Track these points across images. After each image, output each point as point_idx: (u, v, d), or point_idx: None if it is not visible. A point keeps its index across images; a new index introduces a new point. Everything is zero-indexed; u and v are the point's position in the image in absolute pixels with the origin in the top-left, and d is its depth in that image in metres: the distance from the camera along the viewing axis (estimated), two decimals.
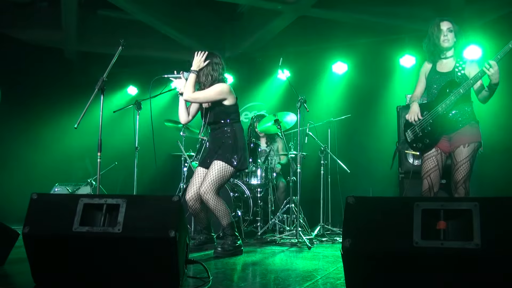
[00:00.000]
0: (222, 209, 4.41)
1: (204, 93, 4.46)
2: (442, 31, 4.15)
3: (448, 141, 4.14)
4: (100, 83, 4.23)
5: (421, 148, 4.27)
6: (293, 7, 7.81)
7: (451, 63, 4.20)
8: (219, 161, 4.41)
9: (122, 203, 2.75)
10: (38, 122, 9.07)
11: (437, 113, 4.12)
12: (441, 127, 4.13)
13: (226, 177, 4.46)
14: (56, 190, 7.75)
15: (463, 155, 4.00)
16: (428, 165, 4.17)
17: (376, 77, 8.12)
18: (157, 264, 2.68)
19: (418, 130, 4.24)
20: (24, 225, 2.75)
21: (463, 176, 3.98)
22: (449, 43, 4.16)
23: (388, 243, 2.38)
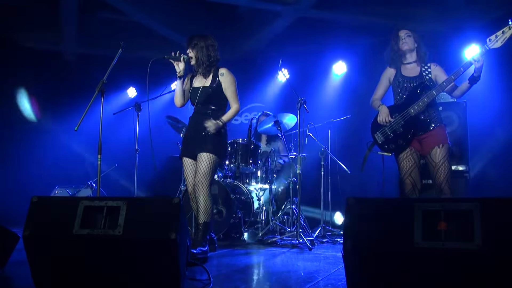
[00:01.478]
0: (209, 205, 4.32)
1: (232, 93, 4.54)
2: (400, 37, 4.42)
3: (419, 143, 4.29)
4: (100, 85, 4.22)
5: (394, 149, 4.39)
6: (292, 8, 7.83)
7: (417, 68, 4.41)
8: (208, 153, 4.34)
9: (122, 205, 2.74)
10: (38, 125, 9.07)
11: (408, 114, 4.26)
12: (413, 128, 4.26)
13: (216, 168, 4.50)
14: (56, 193, 7.74)
15: (440, 155, 4.16)
16: (406, 165, 4.30)
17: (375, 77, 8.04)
18: (158, 266, 2.67)
19: (389, 132, 4.36)
20: (24, 228, 2.74)
21: (445, 175, 4.13)
22: (408, 46, 4.40)
23: (389, 244, 2.38)
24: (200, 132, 4.43)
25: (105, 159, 4.54)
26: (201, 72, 4.56)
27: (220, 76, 4.52)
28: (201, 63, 4.49)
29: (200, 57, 4.48)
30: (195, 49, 4.50)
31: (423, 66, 4.38)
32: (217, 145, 4.41)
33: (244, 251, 4.90)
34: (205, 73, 4.55)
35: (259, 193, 6.36)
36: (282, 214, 6.21)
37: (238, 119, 9.48)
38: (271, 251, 4.90)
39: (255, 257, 4.43)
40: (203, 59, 4.48)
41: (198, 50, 4.49)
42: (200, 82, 4.58)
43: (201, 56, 4.48)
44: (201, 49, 4.48)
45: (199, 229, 4.30)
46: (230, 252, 4.81)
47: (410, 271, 2.35)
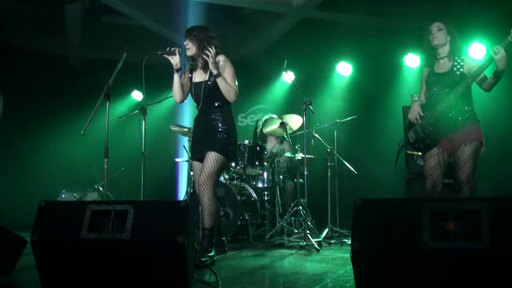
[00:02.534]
0: (213, 207, 4.18)
1: (231, 78, 4.32)
2: (431, 31, 4.18)
3: (449, 141, 4.12)
4: (105, 89, 4.23)
5: (423, 148, 4.28)
6: (296, 10, 7.83)
7: (448, 63, 4.19)
8: (214, 152, 4.18)
9: (130, 209, 2.75)
10: (44, 129, 9.09)
11: (437, 113, 4.11)
12: (441, 127, 4.12)
13: (222, 168, 4.30)
14: (64, 197, 7.76)
15: (465, 154, 3.98)
16: (429, 164, 4.16)
17: (381, 77, 8.11)
18: (166, 270, 2.67)
19: (420, 131, 4.24)
20: (32, 232, 2.75)
21: (466, 175, 3.96)
22: (439, 41, 4.16)
23: (397, 244, 2.37)
24: (207, 132, 4.29)
25: (112, 163, 4.53)
26: (201, 66, 4.36)
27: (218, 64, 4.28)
28: (199, 53, 4.29)
29: (197, 48, 4.28)
30: (194, 40, 4.30)
31: (455, 60, 4.14)
32: (226, 145, 4.24)
33: (251, 253, 4.90)
34: (205, 66, 4.32)
35: (265, 195, 6.36)
36: (289, 216, 6.20)
37: (244, 121, 9.49)
38: (278, 252, 4.89)
39: (262, 259, 4.42)
40: (201, 50, 4.26)
41: (198, 42, 4.29)
42: (201, 77, 4.39)
43: (199, 48, 4.28)
44: (201, 41, 4.28)
45: (205, 235, 4.18)
46: (238, 254, 4.81)
47: (419, 272, 2.34)
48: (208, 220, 4.17)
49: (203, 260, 3.92)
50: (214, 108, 4.33)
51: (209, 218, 4.17)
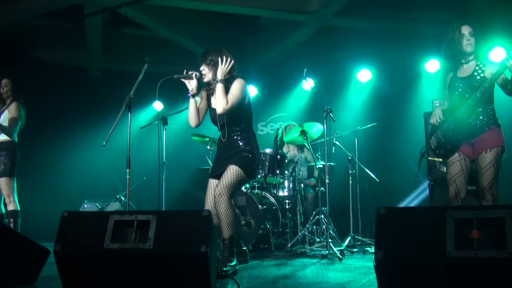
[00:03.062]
0: (231, 217, 4.08)
1: (233, 96, 4.09)
2: (464, 35, 4.06)
3: (470, 147, 4.05)
4: (127, 100, 4.26)
5: (443, 155, 4.22)
6: (315, 17, 7.83)
7: (471, 67, 4.10)
8: (236, 166, 4.11)
9: (152, 219, 2.76)
10: (66, 140, 9.21)
11: (456, 118, 4.06)
12: (461, 132, 4.06)
13: (240, 183, 4.21)
14: (86, 207, 7.84)
15: (487, 161, 3.92)
16: (452, 170, 4.10)
17: (401, 83, 8.06)
18: (189, 279, 2.68)
19: (441, 137, 4.19)
20: (55, 243, 2.77)
21: (488, 182, 3.90)
22: (472, 48, 4.06)
23: (421, 254, 2.34)
24: (230, 151, 4.22)
25: (133, 173, 4.56)
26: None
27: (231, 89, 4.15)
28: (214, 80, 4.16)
29: (214, 74, 4.17)
30: (210, 66, 4.19)
31: (477, 65, 4.06)
32: (248, 163, 4.17)
33: (273, 262, 4.88)
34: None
35: (287, 203, 6.34)
36: (311, 224, 6.17)
37: (264, 130, 9.49)
38: (300, 261, 4.87)
39: (285, 268, 4.40)
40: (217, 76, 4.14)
41: (212, 67, 4.18)
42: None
43: (214, 73, 4.17)
44: (215, 66, 4.17)
45: (225, 245, 4.11)
46: (260, 263, 4.79)
47: (442, 281, 2.31)
48: (226, 230, 4.10)
49: (225, 270, 3.90)
50: (236, 131, 4.25)
51: (228, 229, 4.10)
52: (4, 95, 5.55)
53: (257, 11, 7.98)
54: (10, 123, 5.45)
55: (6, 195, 5.38)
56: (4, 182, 5.35)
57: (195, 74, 4.20)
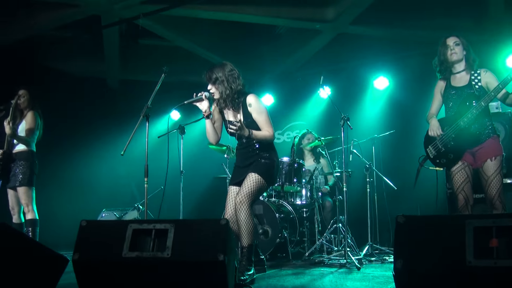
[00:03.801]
0: (251, 225, 4.09)
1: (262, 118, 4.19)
2: (448, 46, 4.24)
3: (472, 156, 4.12)
4: (144, 110, 4.29)
5: (445, 164, 4.26)
6: (331, 25, 7.83)
7: (466, 77, 4.22)
8: (256, 173, 4.15)
9: (170, 227, 2.77)
10: (84, 150, 9.30)
11: (459, 127, 4.12)
12: (464, 141, 4.11)
13: (261, 191, 4.23)
14: (104, 216, 7.88)
15: (492, 169, 3.99)
16: (458, 179, 4.15)
17: (418, 90, 7.99)
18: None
19: (441, 146, 4.22)
20: (74, 251, 2.80)
21: (497, 190, 3.96)
22: (457, 56, 4.21)
23: (441, 263, 2.32)
24: (250, 159, 4.26)
25: (151, 182, 4.58)
26: (229, 106, 4.27)
27: (249, 107, 4.20)
28: (225, 97, 4.20)
29: (223, 91, 4.19)
30: (216, 84, 4.22)
31: (472, 74, 4.19)
32: (268, 170, 4.21)
33: (291, 271, 4.86)
34: (234, 106, 4.25)
35: (304, 212, 6.32)
36: (329, 233, 6.13)
37: (281, 138, 9.49)
38: (318, 271, 4.84)
39: (302, 277, 4.38)
40: (226, 92, 4.18)
41: (218, 84, 4.20)
42: (233, 117, 4.33)
43: (223, 89, 4.19)
44: (221, 83, 4.18)
45: (243, 253, 4.12)
46: (277, 272, 4.78)
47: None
48: (246, 238, 4.11)
49: (243, 279, 3.90)
50: (253, 143, 4.28)
51: (247, 237, 4.11)
52: (22, 106, 5.61)
53: (273, 20, 8.00)
54: (27, 133, 5.51)
55: (25, 204, 5.44)
56: (23, 192, 5.41)
57: (204, 95, 4.24)
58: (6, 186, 5.50)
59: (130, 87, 9.94)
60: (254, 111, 4.20)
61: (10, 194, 5.53)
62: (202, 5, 7.41)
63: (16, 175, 5.41)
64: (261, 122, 4.21)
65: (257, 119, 4.21)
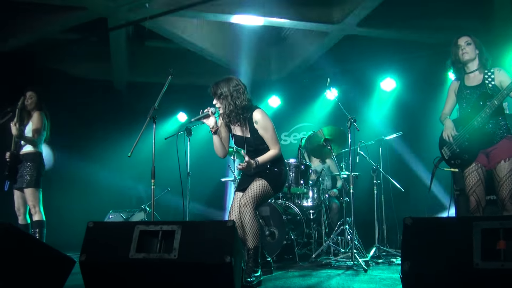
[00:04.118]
0: (255, 227, 4.10)
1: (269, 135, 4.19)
2: (460, 46, 4.20)
3: (486, 156, 4.07)
4: (151, 112, 4.30)
5: (460, 165, 4.19)
6: (338, 27, 7.83)
7: (479, 76, 4.17)
8: (263, 179, 4.18)
9: (177, 229, 2.77)
10: (91, 152, 9.33)
11: (473, 127, 4.06)
12: (478, 141, 4.06)
13: (266, 196, 4.24)
14: (111, 217, 7.90)
15: (505, 170, 3.94)
16: (471, 180, 4.10)
17: (425, 92, 7.98)
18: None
19: (455, 147, 4.16)
20: (81, 253, 2.80)
21: (508, 191, 3.91)
22: (469, 56, 4.17)
23: (448, 265, 2.31)
24: (258, 168, 4.22)
25: (158, 183, 4.59)
26: (234, 121, 4.25)
27: (255, 124, 4.17)
28: (229, 112, 4.15)
29: (226, 106, 4.14)
30: (220, 99, 4.17)
31: (485, 73, 4.13)
32: (276, 178, 4.24)
33: (298, 273, 4.85)
34: (240, 121, 4.22)
35: (311, 214, 6.30)
36: (336, 235, 6.12)
37: (288, 139, 9.49)
38: (325, 272, 4.83)
39: (309, 279, 4.37)
40: (230, 108, 4.13)
41: (223, 99, 4.15)
42: (240, 131, 4.31)
43: (227, 105, 4.14)
44: (225, 98, 4.13)
45: (249, 255, 4.12)
46: (284, 274, 4.77)
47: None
48: (251, 240, 4.12)
49: (250, 281, 3.90)
50: (264, 149, 4.27)
51: (252, 239, 4.12)
52: (29, 107, 5.64)
53: (280, 22, 8.01)
54: (34, 133, 5.53)
55: (31, 206, 5.46)
56: (29, 193, 5.43)
57: (210, 111, 4.20)
58: (13, 187, 5.52)
59: (137, 89, 9.98)
60: (260, 128, 4.18)
61: (16, 195, 5.56)
62: (208, 7, 7.43)
63: (23, 176, 5.43)
64: (268, 138, 4.21)
65: (263, 135, 4.20)
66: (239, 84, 4.20)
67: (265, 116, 4.22)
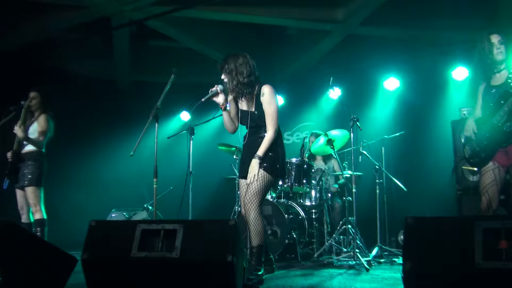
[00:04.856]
0: (259, 226, 4.11)
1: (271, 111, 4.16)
2: (494, 44, 4.03)
3: (505, 155, 3.99)
4: (154, 111, 4.30)
5: (478, 163, 4.14)
6: (341, 26, 7.82)
7: (504, 75, 4.07)
8: (261, 170, 4.13)
9: (179, 228, 2.77)
10: (94, 151, 9.35)
11: (492, 125, 4.00)
12: (496, 139, 4.00)
13: (268, 187, 4.22)
14: (113, 216, 7.92)
15: None
16: (485, 180, 4.03)
17: (428, 91, 7.97)
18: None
19: (475, 145, 4.11)
20: (83, 251, 2.81)
21: None
22: (503, 55, 4.03)
23: (449, 264, 2.31)
24: (254, 150, 4.22)
25: (160, 182, 4.59)
26: (240, 96, 4.26)
27: (261, 97, 4.18)
28: (233, 87, 4.17)
29: (230, 81, 4.17)
30: (226, 73, 4.20)
31: (510, 72, 4.03)
32: (272, 163, 4.18)
33: (300, 272, 4.85)
34: (246, 96, 4.24)
35: (313, 213, 6.30)
36: (338, 234, 6.12)
37: (290, 139, 9.49)
38: (327, 272, 4.82)
39: (311, 279, 4.37)
40: (233, 83, 4.15)
41: (228, 74, 4.18)
42: (246, 106, 4.33)
43: (230, 80, 4.16)
44: (230, 73, 4.17)
45: (253, 253, 4.13)
46: (286, 273, 4.77)
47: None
48: (255, 238, 4.12)
49: (252, 279, 3.90)
50: (261, 131, 4.28)
51: (256, 236, 4.12)
52: (33, 108, 5.65)
53: (283, 21, 8.01)
54: (40, 135, 5.55)
55: (32, 204, 5.46)
56: (31, 191, 5.44)
57: (218, 88, 4.22)
58: (15, 186, 5.53)
59: (140, 88, 9.98)
60: (265, 101, 4.18)
61: (19, 194, 5.57)
62: (212, 7, 7.43)
63: (25, 175, 5.44)
64: (269, 114, 4.18)
65: (266, 109, 4.18)
66: (247, 61, 4.19)
67: (273, 92, 4.22)
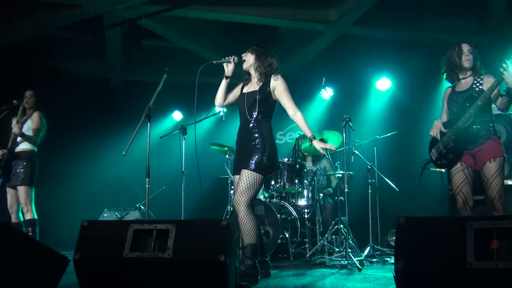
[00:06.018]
0: (249, 224, 4.10)
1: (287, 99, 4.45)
2: (463, 51, 4.24)
3: (472, 157, 4.13)
4: (146, 111, 4.30)
5: (446, 165, 4.29)
6: (333, 27, 7.83)
7: (470, 81, 4.26)
8: (248, 170, 4.13)
9: (171, 228, 2.77)
10: (86, 150, 9.31)
11: (458, 127, 4.14)
12: (463, 141, 4.13)
13: (256, 186, 4.15)
14: (105, 216, 7.89)
15: (492, 170, 3.99)
16: (457, 180, 4.17)
17: (420, 91, 8.00)
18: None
19: (442, 148, 4.25)
20: (75, 251, 2.80)
21: (497, 191, 3.96)
22: (470, 64, 4.23)
23: (441, 264, 2.32)
24: (245, 149, 4.25)
25: (153, 182, 4.58)
26: (255, 79, 4.39)
27: (274, 81, 4.33)
28: (257, 68, 4.35)
29: (259, 62, 4.35)
30: (253, 52, 4.39)
31: (475, 79, 4.22)
32: (259, 162, 4.14)
33: (292, 272, 4.85)
34: (259, 80, 4.36)
35: (306, 213, 6.31)
36: (330, 234, 6.13)
37: (283, 139, 9.49)
38: (320, 272, 4.83)
39: (304, 278, 4.38)
40: (263, 65, 4.35)
41: (252, 54, 4.38)
42: (252, 87, 4.40)
43: (260, 61, 4.35)
44: (261, 55, 4.36)
45: (244, 252, 4.14)
46: (278, 273, 4.77)
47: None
48: (245, 237, 4.13)
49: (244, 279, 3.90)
50: (255, 120, 4.29)
51: (246, 235, 4.13)
52: (27, 106, 5.66)
53: (275, 21, 8.00)
54: (34, 133, 5.55)
55: (23, 204, 5.45)
56: (22, 191, 5.43)
57: (234, 58, 4.44)
58: (6, 185, 5.52)
59: (132, 87, 9.97)
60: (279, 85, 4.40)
61: (10, 193, 5.55)
62: (204, 6, 7.42)
63: (17, 174, 5.43)
64: (286, 98, 4.45)
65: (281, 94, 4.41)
66: (272, 60, 4.43)
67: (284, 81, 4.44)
